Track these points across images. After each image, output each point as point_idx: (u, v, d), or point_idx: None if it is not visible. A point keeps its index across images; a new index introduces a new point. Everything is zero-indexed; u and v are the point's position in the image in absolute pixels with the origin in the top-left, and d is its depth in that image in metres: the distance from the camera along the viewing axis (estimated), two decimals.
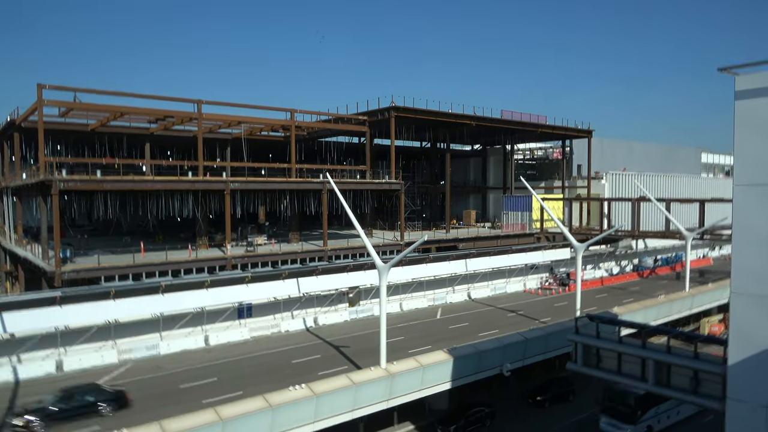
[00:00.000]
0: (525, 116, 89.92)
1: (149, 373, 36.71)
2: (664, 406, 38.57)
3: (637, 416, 37.11)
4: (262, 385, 33.34)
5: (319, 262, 62.22)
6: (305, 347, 42.65)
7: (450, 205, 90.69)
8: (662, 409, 38.58)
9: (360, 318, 51.82)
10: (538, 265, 71.33)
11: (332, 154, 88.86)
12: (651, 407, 37.81)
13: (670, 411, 39.22)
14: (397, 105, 73.50)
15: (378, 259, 36.13)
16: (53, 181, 48.24)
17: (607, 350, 31.26)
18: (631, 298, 59.87)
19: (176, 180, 59.26)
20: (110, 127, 68.68)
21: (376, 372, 34.42)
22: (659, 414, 38.45)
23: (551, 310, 54.93)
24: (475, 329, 47.53)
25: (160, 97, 59.44)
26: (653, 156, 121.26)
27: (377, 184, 75.35)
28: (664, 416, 38.90)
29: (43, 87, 50.66)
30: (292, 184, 67.18)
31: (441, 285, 61.56)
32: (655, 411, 38.11)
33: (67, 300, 39.09)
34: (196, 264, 55.65)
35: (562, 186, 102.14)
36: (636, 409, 37.27)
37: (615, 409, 37.97)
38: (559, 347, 43.37)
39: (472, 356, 38.96)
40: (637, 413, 37.15)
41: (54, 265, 47.65)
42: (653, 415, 38.01)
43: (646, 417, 37.61)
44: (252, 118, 69.78)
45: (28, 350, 37.43)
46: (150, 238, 70.39)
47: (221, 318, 46.01)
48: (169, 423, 26.51)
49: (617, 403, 38.15)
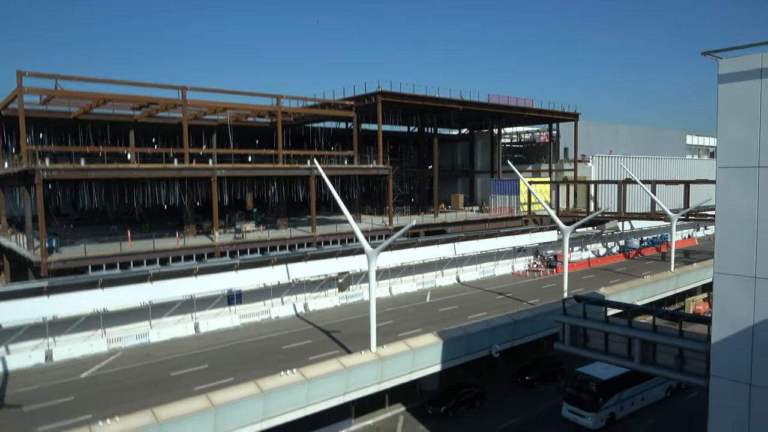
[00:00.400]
0: (512, 100, 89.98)
1: (139, 362, 36.68)
2: (628, 393, 38.49)
3: (599, 403, 36.87)
4: (254, 371, 33.47)
5: (308, 248, 62.22)
6: (296, 333, 42.80)
7: (438, 190, 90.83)
8: (625, 396, 38.41)
9: (350, 303, 52.02)
10: (525, 247, 71.90)
11: (320, 140, 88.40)
12: (614, 394, 37.63)
13: (635, 397, 39.10)
14: (383, 90, 73.16)
15: (367, 244, 36.23)
16: (36, 170, 47.56)
17: (594, 330, 31.65)
18: (618, 279, 60.68)
19: (162, 168, 58.68)
20: (93, 114, 67.70)
21: (366, 356, 34.71)
22: (622, 401, 38.26)
23: (539, 292, 55.54)
24: (465, 312, 47.97)
25: (144, 83, 58.68)
26: (639, 139, 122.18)
27: (365, 170, 75.20)
28: (628, 403, 38.70)
29: (23, 74, 49.70)
30: (279, 170, 66.82)
31: (430, 269, 61.90)
32: (618, 398, 37.90)
33: (54, 290, 38.77)
34: (184, 252, 55.40)
35: (549, 169, 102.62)
36: (598, 396, 36.94)
37: (577, 397, 37.68)
38: (547, 328, 43.99)
39: (462, 339, 39.39)
40: (599, 400, 36.86)
41: (40, 255, 47.20)
42: (616, 402, 37.81)
43: (609, 404, 37.41)
44: (238, 104, 69.10)
45: (17, 341, 37.17)
46: (137, 226, 69.86)
47: (211, 305, 45.97)
48: (161, 410, 26.62)
49: (579, 391, 37.80)
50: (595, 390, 37.03)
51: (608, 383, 37.32)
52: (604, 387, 37.07)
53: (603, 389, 37.03)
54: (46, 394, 31.09)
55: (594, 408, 36.70)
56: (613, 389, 37.57)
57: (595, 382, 37.39)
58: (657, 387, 40.63)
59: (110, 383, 32.76)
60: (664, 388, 41.24)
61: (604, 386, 37.11)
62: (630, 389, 38.52)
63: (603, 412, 36.99)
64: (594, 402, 36.84)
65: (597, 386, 37.10)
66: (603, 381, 37.28)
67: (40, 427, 26.63)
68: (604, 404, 37.05)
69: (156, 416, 26.15)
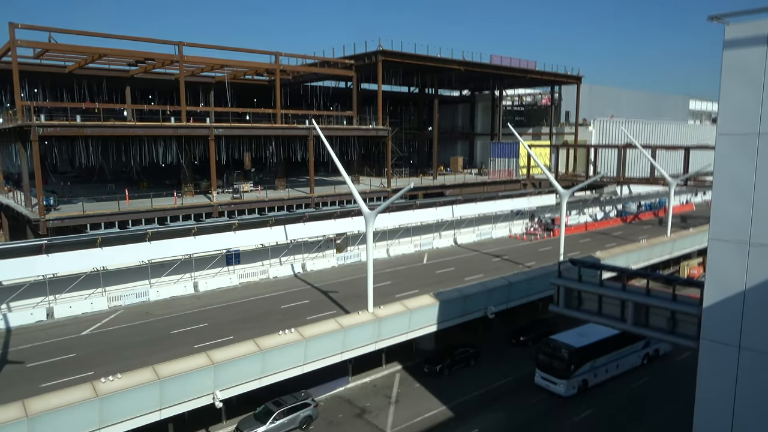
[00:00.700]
0: (514, 61, 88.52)
1: (140, 320, 37.21)
2: (602, 360, 38.07)
3: (571, 371, 36.38)
4: (252, 330, 34.04)
5: (306, 208, 62.27)
6: (294, 293, 43.30)
7: (437, 152, 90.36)
8: (599, 363, 37.97)
9: (347, 264, 52.44)
10: (523, 211, 72.08)
11: (318, 99, 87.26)
12: (587, 361, 37.10)
13: (609, 365, 38.65)
14: (384, 49, 71.84)
15: (364, 206, 36.27)
16: (32, 126, 47.07)
17: (588, 293, 32.02)
18: (614, 243, 61.08)
19: (159, 125, 58.11)
20: (88, 69, 66.47)
21: (363, 316, 35.23)
22: (596, 368, 37.82)
23: (535, 255, 55.98)
24: (461, 274, 48.45)
25: (140, 38, 57.35)
26: (641, 103, 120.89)
27: (364, 131, 74.55)
28: (602, 370, 38.26)
29: (16, 26, 48.60)
30: (277, 130, 66.21)
31: (428, 231, 62.16)
32: (591, 365, 37.41)
33: (53, 248, 38.95)
34: (182, 211, 55.44)
35: (550, 133, 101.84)
36: (570, 363, 36.35)
37: (549, 364, 37.20)
38: (542, 290, 44.52)
39: (458, 300, 39.92)
40: (570, 368, 36.36)
41: (38, 212, 47.21)
42: (589, 369, 37.39)
43: (581, 371, 36.92)
44: (235, 61, 67.90)
45: (18, 298, 37.56)
46: (134, 185, 69.66)
47: (210, 265, 46.30)
48: (162, 367, 27.16)
49: (551, 358, 37.26)
50: (567, 357, 36.49)
51: (581, 350, 36.85)
52: (576, 354, 36.53)
53: (575, 356, 36.46)
54: (49, 350, 31.65)
55: (566, 375, 36.32)
56: (586, 357, 37.08)
57: (567, 349, 36.86)
58: (632, 354, 40.34)
59: (111, 341, 33.32)
60: (640, 356, 40.96)
61: (577, 353, 36.58)
62: (604, 357, 38.14)
63: (575, 379, 36.63)
64: (566, 369, 36.39)
65: (569, 353, 36.56)
66: (575, 348, 36.80)
67: (43, 383, 27.19)
68: (576, 371, 36.63)
69: (157, 373, 26.70)
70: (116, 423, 25.64)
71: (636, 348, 40.44)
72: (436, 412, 34.50)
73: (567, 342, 37.70)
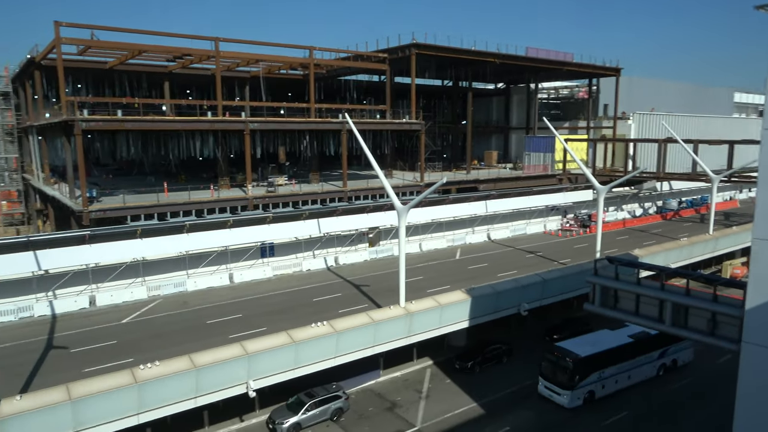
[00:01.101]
0: (551, 54, 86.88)
1: (177, 309, 38.20)
2: (611, 370, 35.49)
3: (576, 381, 34.01)
4: (285, 321, 34.54)
5: (339, 202, 62.70)
6: (326, 286, 43.71)
7: (471, 146, 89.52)
8: (608, 374, 35.42)
9: (380, 258, 52.62)
10: (559, 206, 70.90)
11: (352, 93, 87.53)
12: (594, 371, 34.70)
13: (620, 375, 36.08)
14: (418, 42, 71.44)
15: (397, 200, 36.27)
16: (76, 121, 48.63)
17: (625, 292, 31.33)
18: (653, 241, 59.58)
19: (196, 120, 59.28)
20: (129, 65, 68.31)
21: (395, 310, 35.33)
22: (604, 379, 35.30)
23: (571, 252, 55.06)
24: (494, 270, 48.05)
25: (178, 34, 58.55)
26: (683, 96, 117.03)
27: (397, 124, 74.45)
28: (611, 381, 35.66)
29: (60, 24, 50.20)
30: (311, 124, 66.74)
31: (461, 226, 61.82)
32: (599, 375, 34.97)
33: (95, 239, 40.34)
34: (219, 204, 56.48)
35: (587, 126, 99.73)
36: (574, 373, 33.92)
37: (553, 373, 34.90)
38: (577, 288, 43.80)
39: (490, 296, 39.62)
40: (575, 378, 33.98)
41: (81, 204, 48.83)
42: (596, 380, 34.91)
43: (587, 381, 34.53)
44: (270, 56, 68.57)
45: (63, 286, 39.00)
46: (173, 177, 71.29)
47: (245, 257, 47.12)
48: (198, 356, 27.83)
49: (555, 367, 34.80)
50: (571, 366, 33.98)
51: (587, 360, 34.38)
52: (581, 364, 34.10)
53: (580, 366, 34.06)
54: (91, 337, 32.82)
55: (570, 386, 34.01)
56: (593, 366, 34.69)
57: (572, 358, 34.34)
58: (646, 365, 37.69)
59: (150, 329, 34.34)
60: (655, 367, 38.28)
61: (582, 363, 34.13)
62: (614, 367, 35.63)
63: (580, 390, 34.35)
64: (570, 379, 34.03)
65: (574, 363, 34.03)
66: (581, 357, 34.31)
67: (86, 368, 28.22)
68: (581, 382, 34.30)
69: (193, 361, 27.38)
70: (154, 409, 26.44)
71: (651, 358, 37.95)
72: (467, 408, 34.38)
73: (572, 350, 35.27)
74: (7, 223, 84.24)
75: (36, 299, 37.48)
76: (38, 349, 30.86)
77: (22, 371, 27.72)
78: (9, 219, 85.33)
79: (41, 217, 75.41)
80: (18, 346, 31.37)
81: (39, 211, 76.24)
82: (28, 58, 64.99)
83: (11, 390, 24.82)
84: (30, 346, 31.35)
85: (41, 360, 29.48)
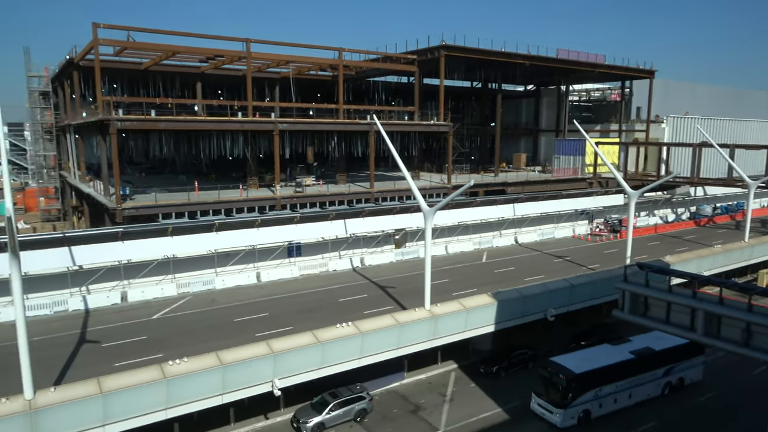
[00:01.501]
0: (582, 55, 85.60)
1: (206, 306, 38.80)
2: (609, 389, 33.60)
3: (569, 399, 32.25)
4: (311, 321, 34.75)
5: (365, 203, 62.88)
6: (352, 286, 43.86)
7: (500, 148, 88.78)
8: (606, 392, 33.51)
9: (405, 260, 52.56)
10: (589, 211, 69.78)
11: (380, 95, 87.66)
12: (590, 389, 32.89)
13: (619, 394, 34.16)
14: (447, 44, 71.19)
15: (423, 203, 36.19)
16: (111, 120, 49.87)
17: (655, 299, 30.59)
18: (686, 247, 58.18)
19: (227, 120, 60.17)
20: (163, 66, 69.70)
21: (420, 313, 35.26)
22: (601, 397, 33.40)
23: (600, 257, 54.12)
24: (521, 274, 47.55)
25: (210, 35, 59.65)
26: (719, 99, 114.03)
27: (425, 126, 74.29)
28: (609, 400, 33.75)
29: (98, 26, 51.52)
30: (339, 125, 67.08)
31: (488, 229, 61.32)
32: (596, 394, 33.10)
33: (128, 236, 41.27)
34: (247, 203, 57.23)
35: (619, 130, 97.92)
36: (567, 390, 32.17)
37: (545, 389, 33.28)
38: (606, 294, 43.05)
39: (517, 300, 39.24)
40: (568, 396, 32.23)
41: (115, 201, 50.02)
42: (593, 398, 33.08)
43: (582, 400, 32.72)
44: (300, 57, 69.16)
45: (96, 282, 39.99)
46: (203, 176, 72.48)
47: (272, 256, 47.59)
48: (225, 354, 28.26)
49: (549, 383, 33.11)
50: (564, 384, 32.23)
51: (582, 377, 32.53)
52: (576, 381, 32.28)
53: (574, 383, 32.27)
54: (122, 332, 33.57)
55: (563, 404, 32.26)
56: (589, 384, 32.85)
57: (565, 374, 32.44)
58: (649, 383, 35.66)
59: (179, 325, 34.96)
60: (659, 385, 36.23)
61: (577, 380, 32.31)
62: (612, 384, 33.71)
63: (574, 408, 32.53)
64: (563, 397, 32.32)
65: (567, 380, 32.23)
66: (575, 374, 32.42)
67: (117, 362, 28.86)
68: (576, 400, 32.48)
69: (220, 359, 27.80)
70: (181, 404, 26.94)
71: (655, 375, 35.92)
72: (491, 413, 34.11)
73: (567, 366, 33.28)
74: (45, 219, 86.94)
75: (70, 294, 38.49)
76: (71, 342, 31.70)
77: (56, 364, 28.50)
78: (46, 215, 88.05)
79: (76, 213, 77.53)
80: (53, 339, 32.27)
81: (74, 208, 78.40)
82: (67, 59, 66.88)
83: (46, 382, 25.54)
84: (64, 339, 32.22)
85: (74, 353, 30.27)
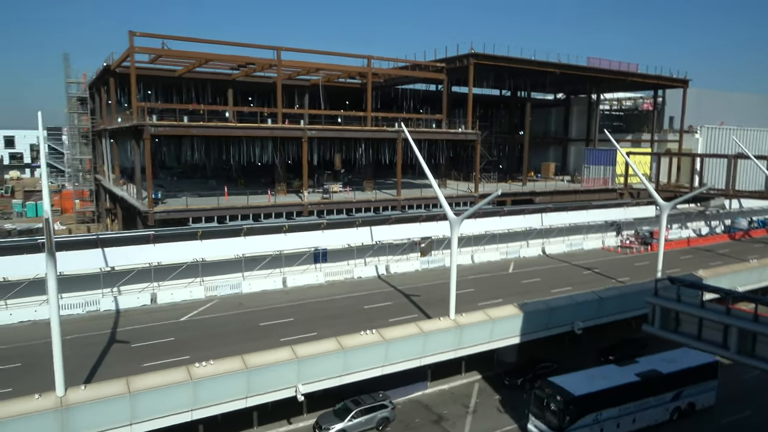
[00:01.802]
0: (614, 64, 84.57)
1: (233, 310, 39.29)
2: (611, 412, 31.79)
3: (566, 423, 30.49)
4: (335, 327, 34.89)
5: (392, 211, 63.01)
6: (377, 294, 43.89)
7: (528, 157, 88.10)
8: (608, 416, 31.73)
9: (431, 268, 52.39)
10: (619, 222, 68.55)
11: (409, 102, 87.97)
12: (589, 412, 31.09)
13: (622, 418, 32.22)
14: (476, 52, 71.11)
15: (450, 211, 36.06)
16: (145, 126, 51.14)
17: (687, 314, 29.90)
18: (719, 261, 56.60)
19: (257, 127, 61.13)
20: (196, 73, 71.30)
21: (445, 322, 35.07)
22: (602, 421, 31.57)
23: (630, 270, 53.07)
24: (548, 285, 46.91)
25: (242, 44, 60.80)
26: (756, 109, 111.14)
27: (453, 134, 74.22)
28: (611, 424, 31.91)
29: (135, 34, 53.00)
30: (367, 132, 67.49)
31: (514, 238, 60.72)
32: (595, 417, 31.26)
33: (159, 239, 42.13)
34: (275, 209, 57.94)
35: (651, 140, 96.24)
36: (564, 414, 30.46)
37: (542, 411, 31.77)
38: (636, 308, 42.14)
39: (543, 312, 38.72)
40: (566, 419, 30.47)
41: (147, 205, 51.18)
42: (592, 422, 31.24)
43: (581, 424, 30.88)
44: (329, 65, 69.97)
45: (127, 283, 40.92)
46: (233, 182, 73.68)
47: (298, 262, 47.98)
48: (250, 357, 28.54)
49: (545, 405, 31.53)
50: (561, 406, 30.56)
51: (581, 399, 30.81)
52: (574, 403, 30.59)
53: (573, 406, 30.57)
54: (151, 333, 34.22)
55: (559, 427, 30.67)
56: (589, 407, 31.14)
57: (563, 396, 30.76)
58: (657, 407, 33.70)
59: (206, 328, 35.47)
60: (667, 410, 34.23)
61: (575, 403, 30.60)
62: (615, 408, 31.91)
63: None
64: (560, 420, 30.60)
65: (565, 402, 30.52)
66: (573, 396, 30.72)
67: (145, 362, 29.43)
68: (573, 424, 30.73)
69: (245, 362, 28.09)
70: (207, 406, 27.29)
71: (663, 400, 33.97)
72: (515, 426, 33.64)
73: (565, 387, 31.62)
74: (79, 221, 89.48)
75: (102, 294, 39.43)
76: (102, 342, 32.45)
77: (87, 362, 29.19)
78: (81, 217, 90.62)
79: (110, 215, 79.54)
80: (84, 338, 33.08)
81: (108, 210, 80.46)
82: (104, 66, 68.93)
83: (76, 380, 26.17)
84: (95, 338, 33.00)
85: (104, 352, 30.98)
